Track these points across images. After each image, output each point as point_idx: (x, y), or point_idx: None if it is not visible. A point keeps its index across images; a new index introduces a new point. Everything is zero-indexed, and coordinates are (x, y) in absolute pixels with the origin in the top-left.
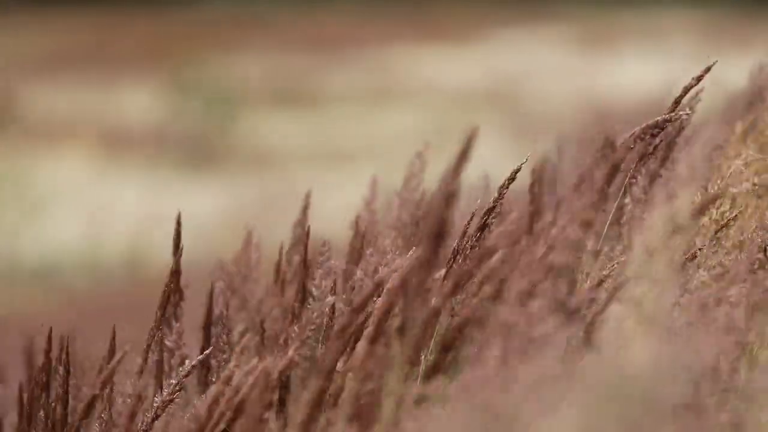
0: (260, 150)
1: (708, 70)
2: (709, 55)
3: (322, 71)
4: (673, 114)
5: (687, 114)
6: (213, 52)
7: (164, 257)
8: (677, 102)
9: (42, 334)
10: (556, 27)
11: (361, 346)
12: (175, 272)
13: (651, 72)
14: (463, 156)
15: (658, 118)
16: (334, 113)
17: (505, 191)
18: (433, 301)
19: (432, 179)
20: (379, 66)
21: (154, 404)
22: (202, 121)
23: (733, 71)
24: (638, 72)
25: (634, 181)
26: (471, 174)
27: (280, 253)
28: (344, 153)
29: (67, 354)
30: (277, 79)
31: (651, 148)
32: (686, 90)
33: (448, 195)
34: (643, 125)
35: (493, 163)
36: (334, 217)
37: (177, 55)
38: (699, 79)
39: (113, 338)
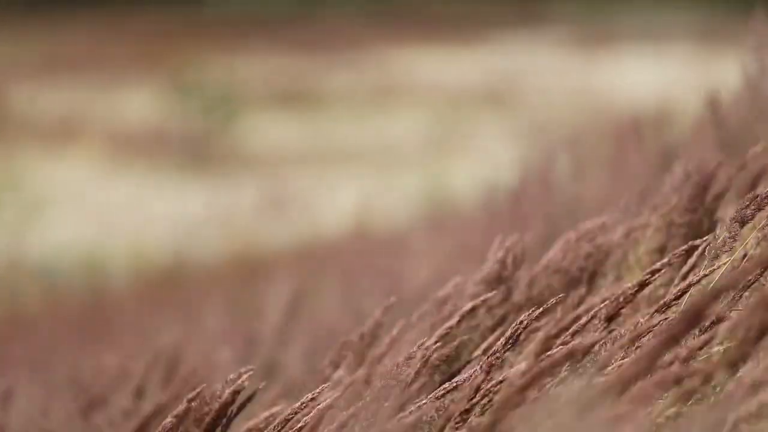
0: (260, 150)
1: None
2: (707, 57)
3: (323, 71)
4: None
5: None
6: (213, 53)
7: (164, 257)
8: None
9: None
10: (555, 28)
11: None
12: None
13: (649, 73)
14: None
15: None
16: (334, 113)
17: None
18: None
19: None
20: (379, 66)
21: None
22: (202, 121)
23: (730, 72)
24: (636, 72)
25: None
26: (471, 175)
27: None
28: (344, 153)
29: None
30: (277, 79)
31: None
32: None
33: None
34: None
35: (492, 162)
36: (334, 216)
37: (177, 56)
38: None
39: None
